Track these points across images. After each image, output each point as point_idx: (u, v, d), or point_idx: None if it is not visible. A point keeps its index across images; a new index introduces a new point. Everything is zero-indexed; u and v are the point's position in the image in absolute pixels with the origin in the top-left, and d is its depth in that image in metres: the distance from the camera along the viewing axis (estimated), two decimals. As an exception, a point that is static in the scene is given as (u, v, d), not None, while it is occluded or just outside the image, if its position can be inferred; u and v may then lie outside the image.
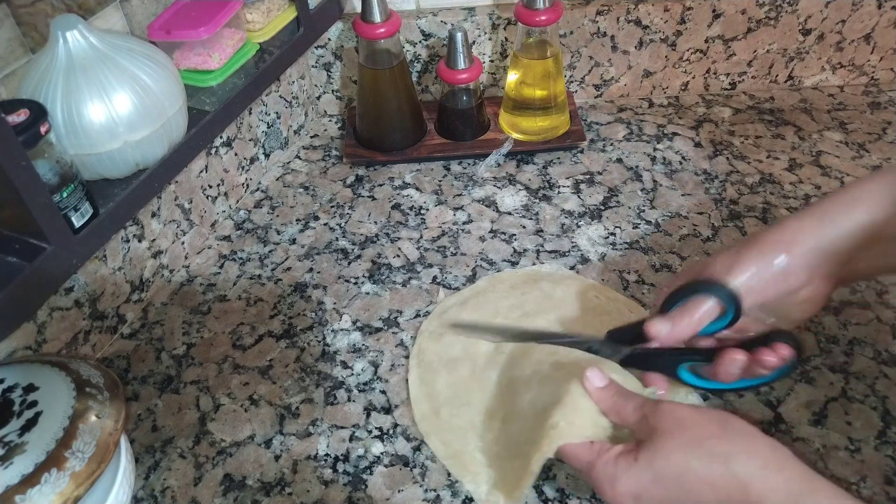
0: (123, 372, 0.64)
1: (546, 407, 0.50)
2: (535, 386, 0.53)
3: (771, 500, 0.39)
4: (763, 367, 0.48)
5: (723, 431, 0.42)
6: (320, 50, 0.86)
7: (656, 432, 0.43)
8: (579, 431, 0.47)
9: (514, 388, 0.55)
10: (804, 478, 0.40)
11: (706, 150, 0.82)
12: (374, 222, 0.77)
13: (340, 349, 0.64)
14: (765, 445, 0.41)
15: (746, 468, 0.40)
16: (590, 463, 0.45)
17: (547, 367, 0.54)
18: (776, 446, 0.41)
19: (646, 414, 0.45)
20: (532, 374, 0.55)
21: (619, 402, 0.47)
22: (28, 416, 0.46)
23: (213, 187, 0.75)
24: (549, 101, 0.80)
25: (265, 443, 0.58)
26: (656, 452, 0.42)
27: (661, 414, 0.44)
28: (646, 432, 0.44)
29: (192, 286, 0.71)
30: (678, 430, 0.42)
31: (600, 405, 0.48)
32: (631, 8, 0.83)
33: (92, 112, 0.54)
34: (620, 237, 0.73)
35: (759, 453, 0.41)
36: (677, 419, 0.43)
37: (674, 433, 0.42)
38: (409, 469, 0.55)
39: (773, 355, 0.48)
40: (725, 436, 0.42)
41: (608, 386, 0.48)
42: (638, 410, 0.45)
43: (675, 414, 0.43)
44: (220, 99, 0.66)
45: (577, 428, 0.47)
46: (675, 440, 0.42)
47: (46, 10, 0.56)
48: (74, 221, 0.53)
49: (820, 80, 0.91)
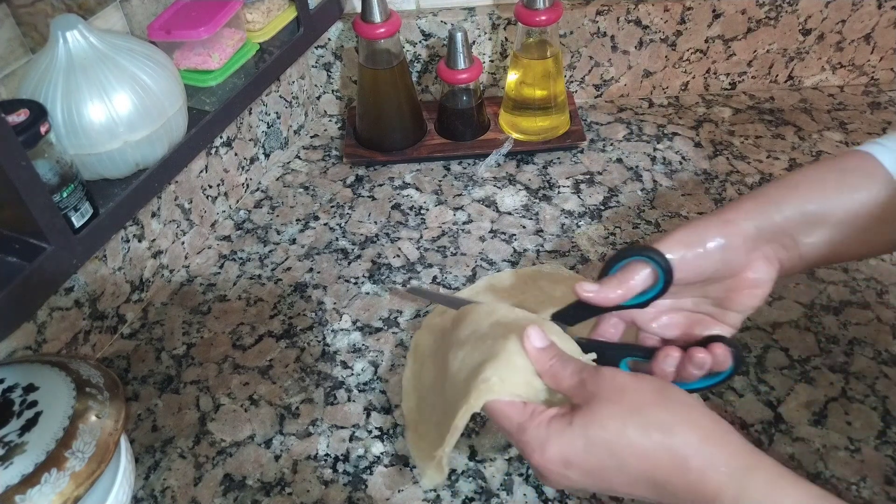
0: (123, 372, 0.64)
1: (480, 364, 0.47)
2: (469, 344, 0.50)
3: (711, 475, 0.37)
4: (695, 366, 0.48)
5: (663, 400, 0.40)
6: (320, 50, 0.86)
7: (594, 398, 0.41)
8: (511, 389, 0.44)
9: (450, 349, 0.52)
10: (746, 453, 0.38)
11: (706, 150, 0.83)
12: (374, 222, 0.77)
13: (340, 349, 0.64)
14: (705, 417, 0.40)
15: (685, 439, 0.38)
16: (520, 424, 0.42)
17: (485, 327, 0.51)
18: (717, 419, 0.40)
19: (584, 379, 0.42)
20: (469, 333, 0.51)
21: (556, 365, 0.44)
22: (28, 416, 0.46)
23: (213, 187, 0.75)
24: (549, 101, 0.80)
25: (265, 443, 0.58)
26: (592, 417, 0.40)
27: (600, 379, 0.42)
28: (583, 398, 0.42)
29: (192, 286, 0.71)
30: (617, 397, 0.40)
31: (537, 366, 0.45)
32: (631, 8, 0.83)
33: (92, 112, 0.54)
34: (620, 237, 0.73)
35: (699, 425, 0.39)
36: (617, 385, 0.41)
37: (612, 399, 0.40)
38: (409, 469, 0.55)
39: (706, 353, 0.48)
40: (666, 405, 0.40)
41: (548, 347, 0.46)
42: (575, 375, 0.43)
43: (615, 380, 0.41)
44: (220, 99, 0.66)
45: (510, 385, 0.44)
46: (612, 407, 0.40)
47: (46, 10, 0.56)
48: (74, 221, 0.53)
49: (820, 80, 0.91)
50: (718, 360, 0.48)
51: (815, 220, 0.48)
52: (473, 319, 0.53)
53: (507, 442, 0.57)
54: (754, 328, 0.63)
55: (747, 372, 0.60)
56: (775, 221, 0.48)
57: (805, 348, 0.61)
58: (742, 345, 0.62)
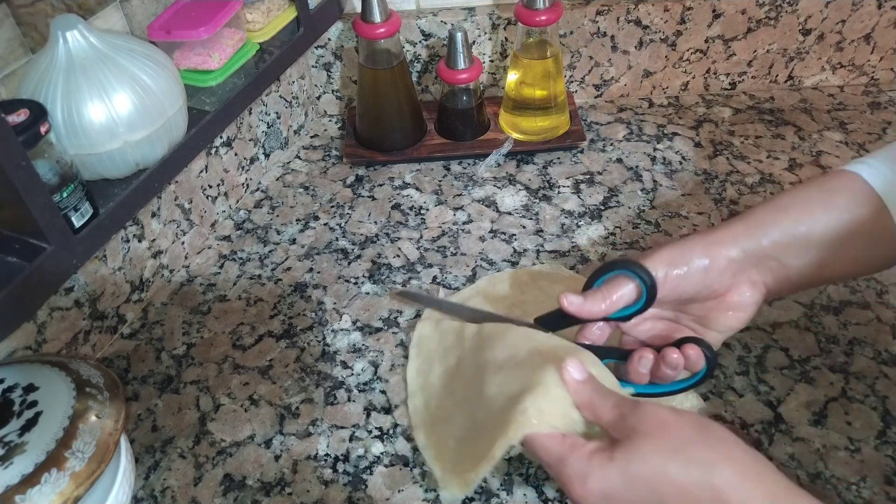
0: (123, 372, 0.64)
1: (517, 392, 0.47)
2: (507, 369, 0.50)
3: None
4: (668, 366, 0.48)
5: (704, 437, 0.41)
6: (320, 50, 0.86)
7: (635, 433, 0.41)
8: (549, 421, 0.44)
9: (485, 370, 0.53)
10: (783, 489, 0.39)
11: (706, 150, 0.83)
12: (374, 222, 0.77)
13: (340, 349, 0.64)
14: (746, 455, 0.40)
15: (725, 477, 0.38)
16: (560, 457, 0.42)
17: (523, 353, 0.52)
18: (757, 457, 0.40)
19: (623, 413, 0.43)
20: (507, 357, 0.52)
21: (595, 398, 0.45)
22: (28, 416, 0.46)
23: (213, 187, 0.75)
24: (549, 101, 0.80)
25: (265, 443, 0.58)
26: (634, 453, 0.40)
27: (640, 414, 0.42)
28: (622, 432, 0.42)
29: (192, 286, 0.71)
30: (658, 432, 0.41)
31: (576, 398, 0.45)
32: (631, 8, 0.83)
33: (92, 112, 0.54)
34: (620, 237, 0.73)
35: (739, 462, 0.40)
36: (658, 420, 0.41)
37: (653, 435, 0.40)
38: (409, 469, 0.55)
39: (679, 354, 0.48)
40: (706, 442, 0.40)
41: (587, 380, 0.46)
42: (615, 409, 0.43)
43: (656, 416, 0.42)
44: (220, 99, 0.66)
45: (548, 417, 0.44)
46: (654, 443, 0.40)
47: (46, 10, 0.56)
48: (74, 221, 0.53)
49: (820, 80, 0.91)
50: (692, 361, 0.49)
51: (802, 243, 0.48)
52: (511, 343, 0.53)
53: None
54: (754, 328, 0.63)
55: (747, 372, 0.60)
56: (762, 245, 0.49)
57: (805, 348, 0.61)
58: (742, 345, 0.62)
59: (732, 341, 0.62)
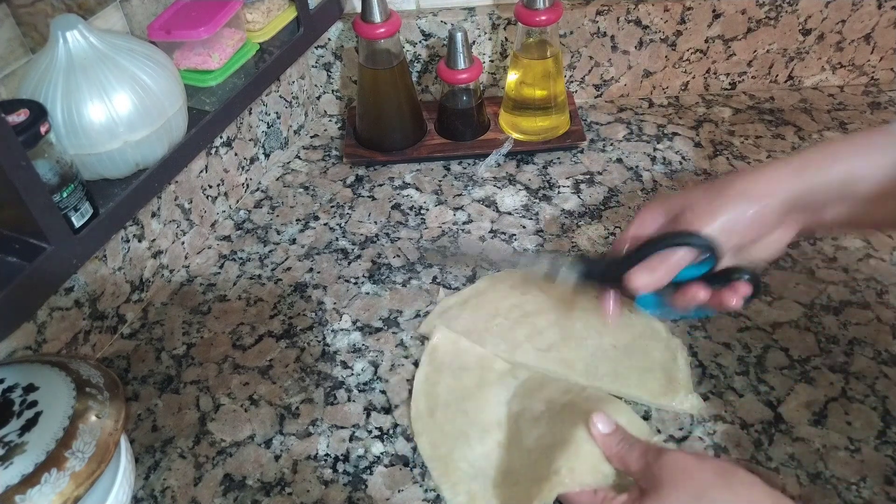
0: (123, 372, 0.64)
1: (550, 447, 0.51)
2: (544, 423, 0.54)
3: None
4: (724, 307, 0.49)
5: (725, 482, 0.43)
6: (320, 50, 0.86)
7: (660, 483, 0.43)
8: (580, 478, 0.48)
9: (523, 418, 0.56)
10: None
11: (706, 150, 0.82)
12: (374, 222, 0.77)
13: (340, 349, 0.64)
14: (766, 496, 0.42)
15: None
16: None
17: (559, 406, 0.55)
18: (777, 497, 0.42)
19: (649, 462, 0.45)
20: (545, 410, 0.55)
21: (623, 449, 0.48)
22: (28, 416, 0.46)
23: (213, 187, 0.75)
24: (549, 101, 0.80)
25: (265, 443, 0.58)
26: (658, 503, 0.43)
27: (664, 463, 0.44)
28: (649, 482, 0.44)
29: (192, 286, 0.71)
30: (681, 481, 0.43)
31: (605, 451, 0.49)
32: (631, 8, 0.83)
33: (92, 112, 0.54)
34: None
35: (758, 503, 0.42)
36: (680, 469, 0.44)
37: (678, 484, 0.43)
38: (409, 469, 0.55)
39: (735, 297, 0.48)
40: (728, 486, 0.42)
41: (614, 432, 0.49)
42: (642, 458, 0.46)
43: (679, 463, 0.44)
44: (220, 99, 0.66)
45: (579, 475, 0.48)
46: (678, 491, 0.43)
47: (46, 10, 0.56)
48: (74, 221, 0.53)
49: (820, 80, 0.91)
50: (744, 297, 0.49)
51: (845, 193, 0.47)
52: (548, 396, 0.57)
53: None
54: (754, 328, 0.63)
55: (747, 372, 0.60)
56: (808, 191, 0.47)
57: (805, 348, 0.61)
58: (742, 345, 0.62)
59: (732, 341, 0.62)
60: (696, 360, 0.61)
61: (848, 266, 0.68)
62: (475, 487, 0.53)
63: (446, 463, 0.55)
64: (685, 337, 0.62)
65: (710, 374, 0.60)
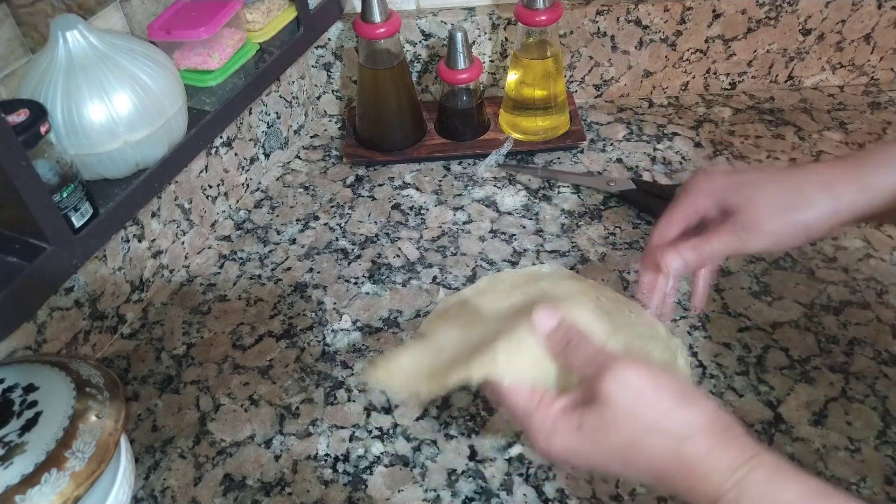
0: (123, 372, 0.64)
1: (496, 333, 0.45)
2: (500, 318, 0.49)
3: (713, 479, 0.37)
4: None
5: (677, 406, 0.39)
6: (320, 50, 0.86)
7: (607, 400, 0.39)
8: (518, 368, 0.42)
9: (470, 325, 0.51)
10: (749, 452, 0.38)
11: (706, 150, 0.82)
12: (374, 222, 0.77)
13: (340, 349, 0.64)
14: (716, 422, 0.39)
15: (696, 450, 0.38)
16: (526, 412, 0.41)
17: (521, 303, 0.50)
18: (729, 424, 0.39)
19: (600, 368, 0.40)
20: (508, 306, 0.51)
21: (569, 348, 0.43)
22: (28, 416, 0.46)
23: (213, 187, 0.75)
24: (549, 101, 0.80)
25: (265, 443, 0.58)
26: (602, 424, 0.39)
27: (614, 380, 0.39)
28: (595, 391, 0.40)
29: (192, 286, 0.71)
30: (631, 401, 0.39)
31: (549, 347, 0.43)
32: (631, 8, 0.83)
33: (92, 112, 0.54)
34: (620, 237, 0.73)
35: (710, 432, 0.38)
36: (633, 389, 0.39)
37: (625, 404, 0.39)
38: (409, 469, 0.55)
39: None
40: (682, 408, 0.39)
41: (559, 326, 0.44)
42: (591, 363, 0.41)
43: (630, 383, 0.39)
44: (220, 99, 0.66)
45: (517, 364, 0.43)
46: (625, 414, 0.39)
47: (46, 10, 0.56)
48: (74, 221, 0.53)
49: (820, 80, 0.91)
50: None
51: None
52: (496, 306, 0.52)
53: (507, 442, 0.57)
54: (754, 328, 0.63)
55: (747, 372, 0.60)
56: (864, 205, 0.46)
57: (805, 348, 0.61)
58: (742, 345, 0.62)
59: (732, 341, 0.62)
60: (696, 360, 0.61)
61: (848, 266, 0.68)
62: (406, 365, 0.48)
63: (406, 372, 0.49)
64: (685, 337, 0.62)
65: (710, 374, 0.60)
